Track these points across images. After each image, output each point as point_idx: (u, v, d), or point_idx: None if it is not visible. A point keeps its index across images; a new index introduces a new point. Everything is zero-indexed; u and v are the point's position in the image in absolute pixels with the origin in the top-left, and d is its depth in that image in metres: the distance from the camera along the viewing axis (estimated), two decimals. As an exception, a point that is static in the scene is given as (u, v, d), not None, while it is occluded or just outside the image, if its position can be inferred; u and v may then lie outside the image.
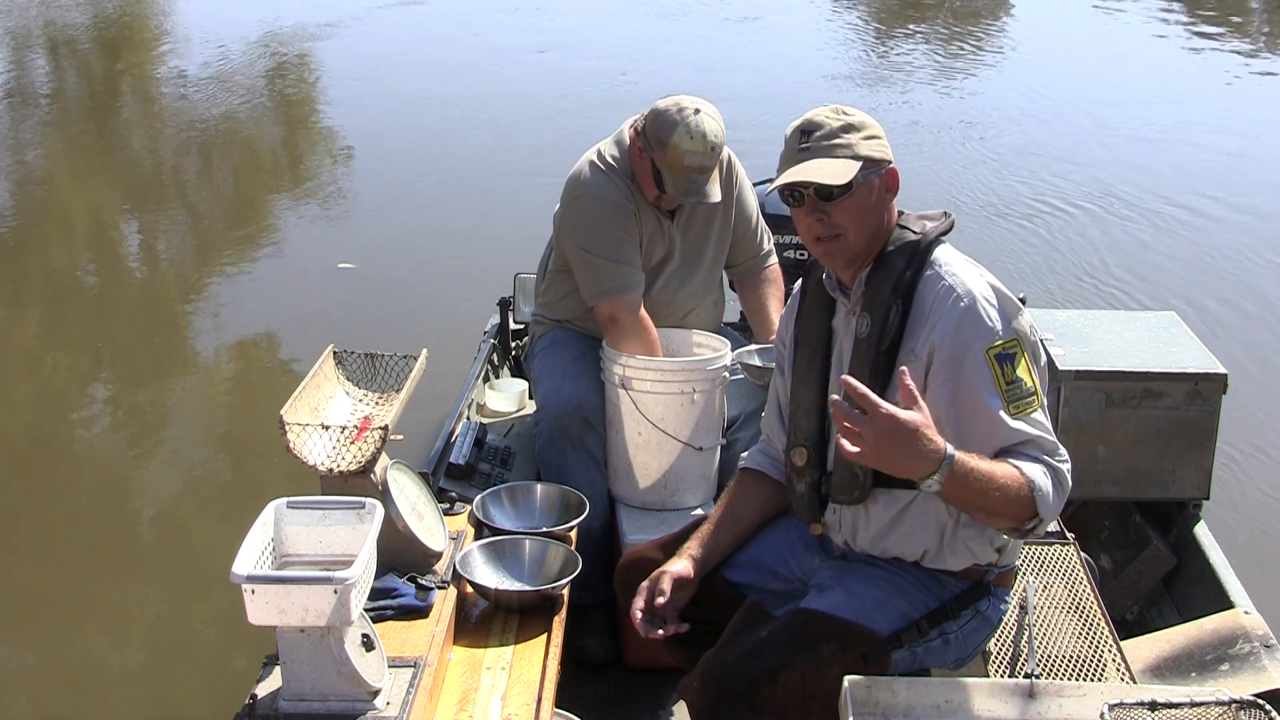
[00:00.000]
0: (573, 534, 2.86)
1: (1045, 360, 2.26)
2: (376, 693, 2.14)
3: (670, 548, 2.46)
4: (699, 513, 3.13)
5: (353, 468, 2.44)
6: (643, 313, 3.21)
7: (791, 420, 2.38)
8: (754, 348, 3.35)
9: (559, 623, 2.55)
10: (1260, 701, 1.88)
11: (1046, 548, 2.91)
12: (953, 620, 2.26)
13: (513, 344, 4.31)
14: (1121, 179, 7.97)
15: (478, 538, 2.74)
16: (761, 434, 2.56)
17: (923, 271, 2.18)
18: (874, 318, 2.18)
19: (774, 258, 3.57)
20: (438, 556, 2.59)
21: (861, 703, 1.98)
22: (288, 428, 2.39)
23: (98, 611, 4.00)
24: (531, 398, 3.79)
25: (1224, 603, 3.06)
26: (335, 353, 2.70)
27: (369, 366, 2.72)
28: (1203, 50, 12.15)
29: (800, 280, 2.45)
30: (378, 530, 2.14)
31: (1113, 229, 7.15)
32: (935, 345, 2.12)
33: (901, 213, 2.28)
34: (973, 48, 12.19)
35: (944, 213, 2.29)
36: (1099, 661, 2.52)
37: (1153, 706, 1.89)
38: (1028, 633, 2.47)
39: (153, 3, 14.39)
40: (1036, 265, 6.58)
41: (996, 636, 2.47)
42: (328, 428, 2.44)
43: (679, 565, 2.38)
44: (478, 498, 2.89)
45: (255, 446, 4.88)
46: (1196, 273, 6.53)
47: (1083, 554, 2.93)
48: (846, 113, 2.22)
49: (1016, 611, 2.59)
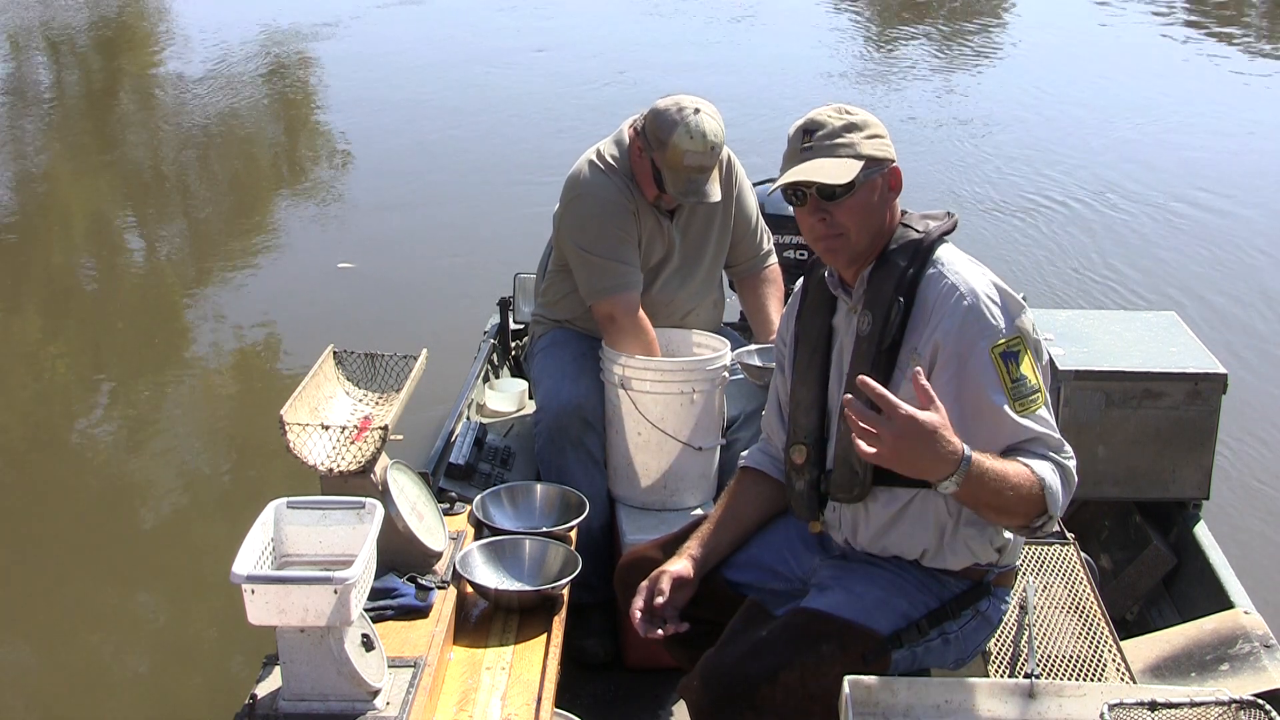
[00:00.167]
0: (573, 534, 2.86)
1: (1047, 359, 2.26)
2: (376, 693, 2.14)
3: (670, 547, 2.47)
4: (699, 513, 3.13)
5: (353, 468, 2.44)
6: (641, 313, 3.21)
7: (791, 418, 2.38)
8: (754, 348, 3.35)
9: (559, 623, 2.55)
10: (1260, 701, 1.87)
11: (1046, 548, 2.91)
12: (953, 620, 2.26)
13: (513, 344, 4.31)
14: (1123, 175, 7.97)
15: (478, 538, 2.74)
16: (761, 433, 2.56)
17: (925, 270, 2.18)
18: (876, 315, 2.18)
19: (774, 258, 3.57)
20: (438, 556, 2.59)
21: (861, 703, 1.97)
22: (288, 428, 2.39)
23: (97, 612, 4.00)
24: (531, 398, 3.79)
25: (1224, 603, 3.06)
26: (335, 353, 2.69)
27: (369, 366, 2.72)
28: (1203, 46, 12.14)
29: (802, 278, 2.45)
30: (378, 530, 2.14)
31: (1113, 225, 7.14)
32: (939, 344, 2.12)
33: (905, 212, 2.28)
34: (972, 46, 12.18)
35: (947, 213, 2.29)
36: (1099, 661, 2.52)
37: (1153, 706, 1.89)
38: (1028, 633, 2.47)
39: (152, 2, 14.38)
40: (1037, 262, 6.57)
41: (996, 636, 2.47)
42: (328, 428, 2.44)
43: (679, 565, 2.38)
44: (478, 498, 2.89)
45: (255, 446, 4.88)
46: (1197, 271, 6.52)
47: (1083, 554, 2.93)
48: (849, 112, 2.22)
49: (1016, 611, 2.59)
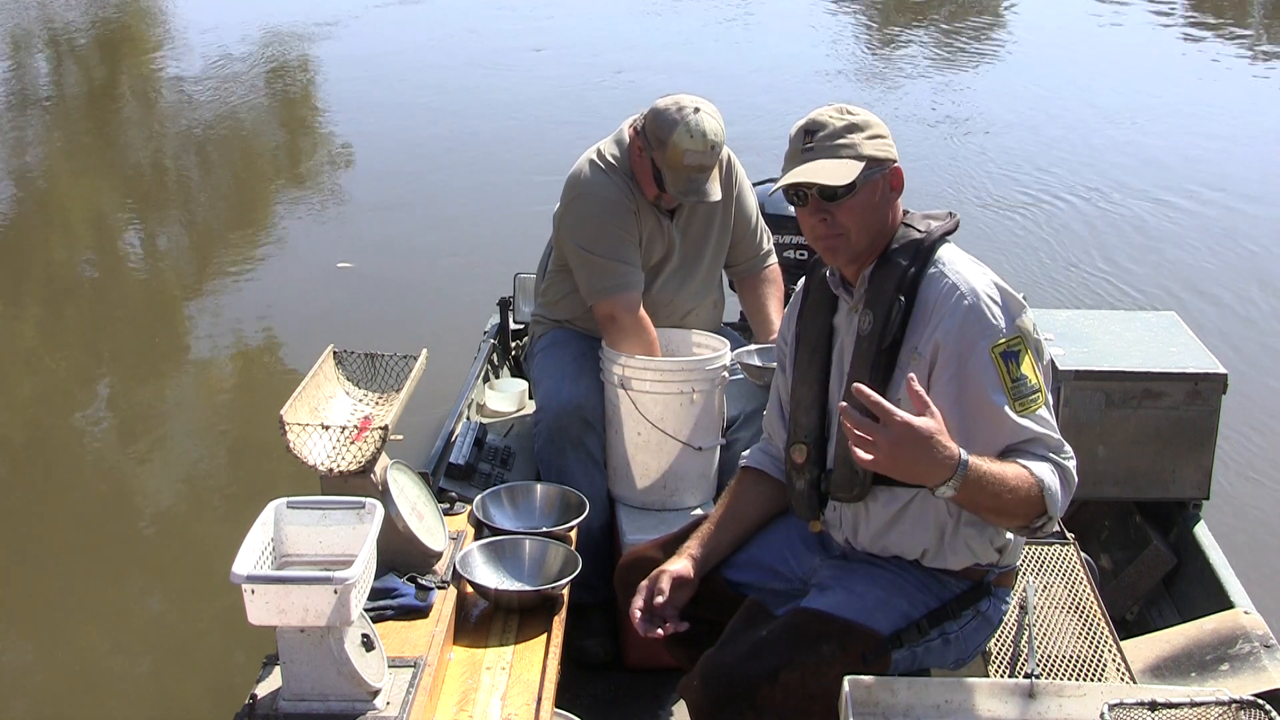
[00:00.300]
0: (573, 534, 2.86)
1: (1048, 359, 2.26)
2: (376, 693, 2.14)
3: (670, 547, 2.47)
4: (699, 512, 3.13)
5: (353, 468, 2.44)
6: (642, 312, 3.21)
7: (792, 417, 2.38)
8: (754, 348, 3.35)
9: (559, 623, 2.55)
10: (1260, 701, 1.87)
11: (1046, 548, 2.91)
12: (953, 620, 2.26)
13: (513, 344, 4.31)
14: (1124, 173, 7.97)
15: (478, 538, 2.73)
16: (762, 433, 2.56)
17: (926, 269, 2.18)
18: (876, 315, 2.18)
19: (774, 258, 3.57)
20: (438, 556, 2.59)
21: (861, 702, 1.97)
22: (288, 428, 2.39)
23: (98, 612, 4.00)
24: (531, 398, 3.79)
25: (1224, 603, 3.06)
26: (335, 353, 2.69)
27: (369, 366, 2.71)
28: (1204, 46, 12.14)
29: (804, 278, 2.45)
30: (378, 530, 2.14)
31: (1114, 223, 7.15)
32: (939, 343, 2.11)
33: (907, 211, 2.28)
34: (972, 46, 12.18)
35: (949, 212, 2.29)
36: (1099, 661, 2.52)
37: (1153, 706, 1.89)
38: (1028, 633, 2.47)
39: (152, 2, 14.38)
40: (1039, 260, 6.57)
41: (996, 636, 2.47)
42: (328, 428, 2.44)
43: (678, 564, 2.38)
44: (478, 498, 2.88)
45: (255, 446, 4.88)
46: (1197, 269, 6.53)
47: (1083, 554, 2.93)
48: (851, 112, 2.22)
49: (1016, 611, 2.59)
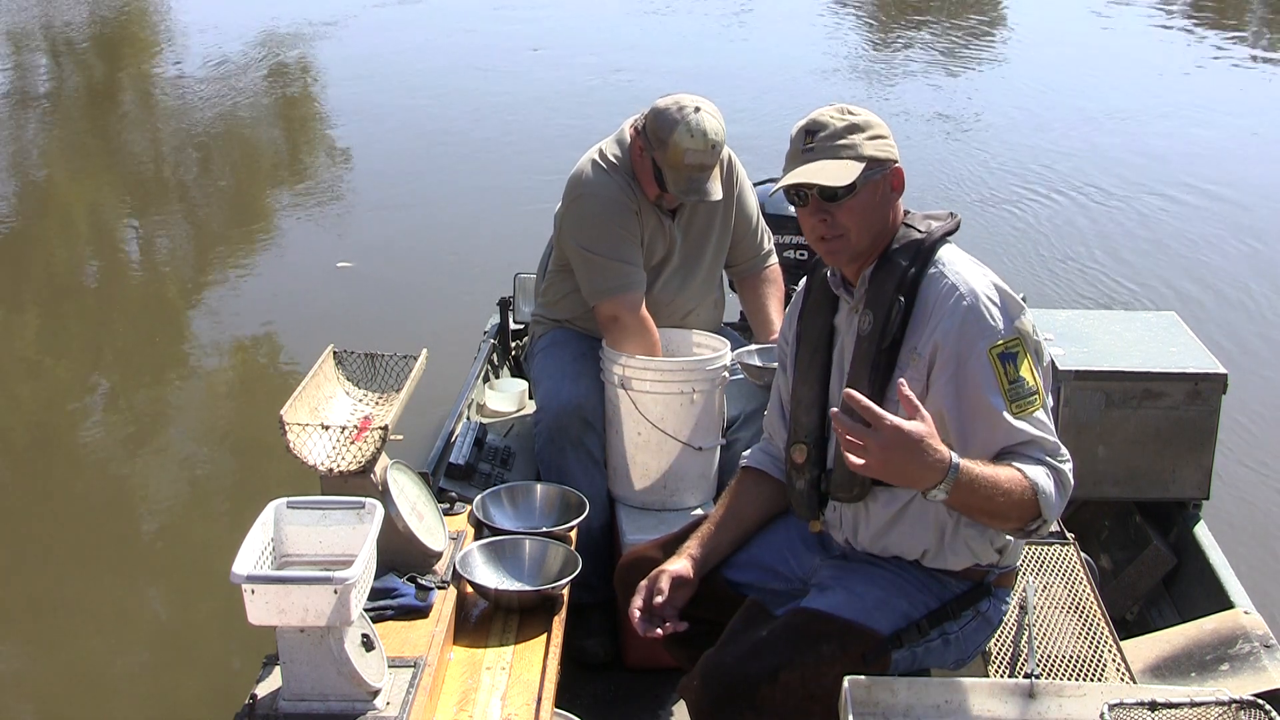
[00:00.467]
0: (572, 534, 2.86)
1: (1049, 361, 2.26)
2: (376, 693, 2.14)
3: (670, 547, 2.47)
4: (699, 513, 3.13)
5: (353, 468, 2.44)
6: (644, 312, 3.21)
7: (792, 417, 2.38)
8: (754, 348, 3.35)
9: (559, 623, 2.55)
10: (1260, 701, 1.87)
11: (1046, 548, 2.91)
12: (953, 620, 2.26)
13: (513, 344, 4.31)
14: (1126, 171, 7.97)
15: (478, 538, 2.73)
16: (762, 433, 2.56)
17: (926, 269, 2.18)
18: (876, 315, 2.18)
19: (774, 258, 3.57)
20: (438, 556, 2.59)
21: (861, 703, 1.98)
22: (288, 428, 2.39)
23: (98, 612, 4.00)
24: (531, 398, 3.78)
25: (1224, 603, 3.06)
26: (335, 353, 2.69)
27: (369, 366, 2.71)
28: (1205, 45, 12.14)
29: (805, 278, 2.45)
30: (378, 530, 2.14)
31: (1116, 221, 7.15)
32: (938, 344, 2.11)
33: (908, 212, 2.28)
34: (972, 45, 12.18)
35: (950, 213, 2.29)
36: (1099, 661, 2.52)
37: (1153, 706, 1.89)
38: (1028, 633, 2.47)
39: (152, 2, 14.38)
40: (1040, 259, 6.58)
41: (996, 637, 2.47)
42: (328, 428, 2.44)
43: (678, 564, 2.38)
44: (478, 498, 2.88)
45: (255, 446, 4.88)
46: (1198, 268, 6.52)
47: (1083, 554, 2.93)
48: (852, 112, 2.22)
49: (1016, 612, 2.59)
